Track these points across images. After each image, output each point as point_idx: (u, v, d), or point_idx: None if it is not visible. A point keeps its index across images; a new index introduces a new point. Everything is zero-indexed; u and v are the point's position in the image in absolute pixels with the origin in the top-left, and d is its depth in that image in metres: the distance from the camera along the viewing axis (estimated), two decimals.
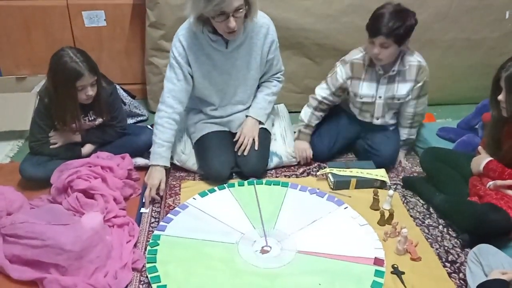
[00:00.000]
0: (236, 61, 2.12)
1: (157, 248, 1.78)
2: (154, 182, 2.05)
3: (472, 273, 1.54)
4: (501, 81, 1.73)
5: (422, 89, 2.23)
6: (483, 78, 2.74)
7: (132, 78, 3.04)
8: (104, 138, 2.25)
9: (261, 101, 2.29)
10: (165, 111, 2.11)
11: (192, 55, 2.07)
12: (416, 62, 2.17)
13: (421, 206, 2.08)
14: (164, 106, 2.11)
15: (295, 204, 2.06)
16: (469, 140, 2.27)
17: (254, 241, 1.84)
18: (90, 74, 1.99)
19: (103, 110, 2.16)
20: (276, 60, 2.25)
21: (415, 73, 2.18)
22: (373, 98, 2.24)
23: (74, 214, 1.85)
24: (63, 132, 2.15)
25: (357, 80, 2.23)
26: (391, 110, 2.31)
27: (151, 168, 2.10)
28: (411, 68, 2.17)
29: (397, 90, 2.21)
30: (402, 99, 2.24)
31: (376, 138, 2.34)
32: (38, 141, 2.14)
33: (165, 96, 2.12)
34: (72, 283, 1.56)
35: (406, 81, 2.20)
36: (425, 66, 2.19)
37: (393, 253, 1.79)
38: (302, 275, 1.67)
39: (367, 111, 2.32)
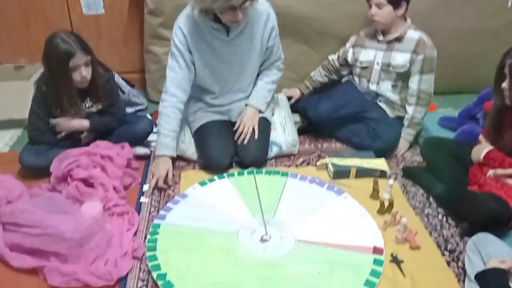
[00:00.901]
0: (237, 48, 2.11)
1: (157, 237, 1.78)
2: (162, 173, 2.05)
3: (470, 262, 1.55)
4: (505, 68, 1.72)
5: (424, 63, 2.25)
6: (484, 67, 2.73)
7: (131, 66, 3.03)
8: (105, 125, 2.23)
9: (260, 89, 2.28)
10: (169, 101, 2.10)
11: (193, 43, 2.06)
12: (417, 36, 2.26)
13: (421, 195, 2.08)
14: (168, 96, 2.10)
15: (295, 194, 2.06)
16: (470, 130, 2.27)
17: (254, 230, 1.85)
18: (82, 53, 1.98)
19: (100, 95, 2.15)
20: (276, 47, 2.23)
21: (414, 45, 2.25)
22: (371, 64, 2.37)
23: (74, 203, 1.86)
24: (67, 120, 2.12)
25: (360, 47, 2.43)
26: (388, 79, 2.36)
27: (157, 158, 2.10)
28: (411, 40, 2.26)
29: (394, 58, 2.30)
30: (398, 69, 2.31)
31: (381, 124, 2.36)
32: (37, 130, 2.13)
33: (168, 85, 2.11)
34: (72, 271, 1.57)
35: (403, 51, 2.28)
36: (427, 42, 2.24)
37: (392, 242, 1.79)
38: (301, 264, 1.68)
39: (364, 77, 2.43)
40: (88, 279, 1.57)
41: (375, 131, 2.34)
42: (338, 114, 2.38)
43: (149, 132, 2.34)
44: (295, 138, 2.38)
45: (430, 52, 2.25)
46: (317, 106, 2.38)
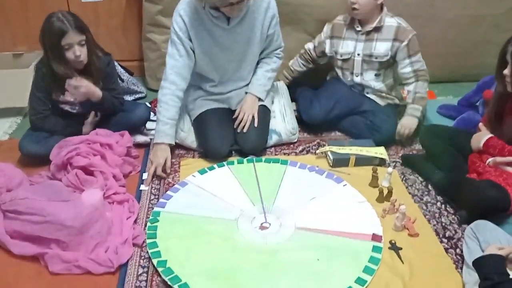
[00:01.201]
0: (237, 36, 2.10)
1: (157, 225, 1.79)
2: (160, 161, 2.05)
3: (469, 249, 1.56)
4: (507, 55, 1.71)
5: (409, 48, 2.27)
6: (485, 55, 2.73)
7: (129, 54, 3.01)
8: (112, 103, 2.20)
9: (260, 77, 2.27)
10: (169, 88, 2.09)
11: (193, 31, 2.05)
12: (395, 23, 2.27)
13: (420, 183, 2.09)
14: (168, 83, 2.09)
15: (294, 182, 2.07)
16: (469, 118, 2.27)
17: (253, 218, 1.85)
18: (75, 32, 1.98)
19: (98, 78, 2.13)
20: (276, 35, 2.23)
21: (394, 33, 2.27)
22: (351, 55, 2.36)
23: (74, 190, 1.86)
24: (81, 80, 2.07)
25: (338, 39, 2.40)
26: (370, 70, 2.37)
27: (156, 146, 2.09)
28: (390, 28, 2.28)
29: (374, 48, 2.31)
30: (380, 58, 2.32)
31: (377, 116, 2.35)
32: (38, 114, 2.13)
33: (168, 72, 2.10)
34: (73, 258, 1.58)
35: (384, 40, 2.29)
36: (405, 27, 2.26)
37: (391, 230, 1.80)
38: (300, 251, 1.69)
39: (347, 69, 2.43)
40: (89, 266, 1.58)
41: (373, 123, 2.33)
42: (331, 115, 2.39)
43: (146, 119, 2.34)
44: (295, 126, 2.38)
45: (411, 35, 2.26)
46: (309, 110, 2.38)
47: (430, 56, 2.88)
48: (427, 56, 2.84)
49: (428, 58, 2.88)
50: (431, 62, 2.93)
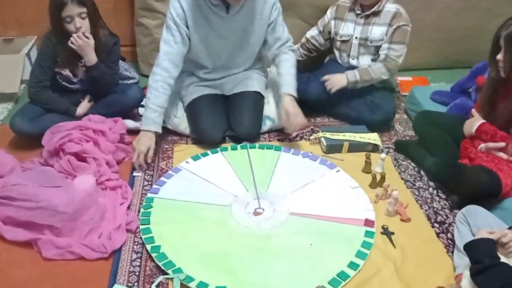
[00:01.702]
0: (235, 25, 2.08)
1: (150, 210, 1.79)
2: (142, 148, 2.00)
3: (460, 233, 1.57)
4: (500, 40, 1.71)
5: (395, 32, 2.26)
6: (478, 41, 2.72)
7: (121, 40, 2.96)
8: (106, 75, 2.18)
9: (287, 76, 2.17)
10: (160, 75, 2.05)
11: (191, 17, 2.02)
12: (394, 9, 2.27)
13: (413, 169, 2.10)
14: (160, 69, 2.06)
15: (288, 168, 2.07)
16: (462, 104, 2.27)
17: (247, 203, 1.86)
18: (75, 4, 1.99)
19: (100, 53, 2.13)
20: (280, 25, 2.17)
21: (390, 17, 2.26)
22: (350, 37, 2.37)
23: (67, 176, 1.86)
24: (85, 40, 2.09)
25: (340, 20, 2.40)
26: (367, 54, 2.37)
27: (142, 133, 2.05)
28: (388, 13, 2.27)
29: (370, 32, 2.31)
30: (375, 42, 2.32)
31: (375, 95, 2.36)
32: (38, 83, 2.13)
33: (161, 58, 2.06)
34: (66, 243, 1.58)
35: (380, 25, 2.29)
36: (402, 14, 2.26)
37: (384, 215, 1.82)
38: (294, 236, 1.70)
39: (344, 51, 2.43)
40: (83, 252, 1.58)
41: (373, 103, 2.33)
42: (328, 93, 2.36)
43: (139, 100, 2.34)
44: None
45: (404, 24, 2.25)
46: (307, 88, 2.35)
47: (424, 42, 2.89)
48: (421, 42, 2.85)
49: (422, 44, 2.89)
50: (425, 48, 2.94)
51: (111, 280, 1.52)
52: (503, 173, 1.74)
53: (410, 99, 2.55)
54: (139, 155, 2.01)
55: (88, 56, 2.10)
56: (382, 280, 1.54)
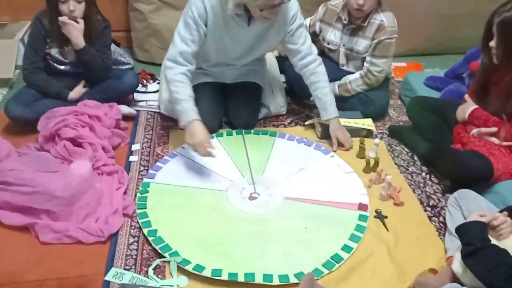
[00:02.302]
0: (252, 34, 2.01)
1: (147, 195, 1.81)
2: (203, 138, 1.83)
3: (451, 217, 1.60)
4: (493, 27, 1.72)
5: (376, 48, 2.20)
6: (472, 27, 2.72)
7: (115, 25, 2.91)
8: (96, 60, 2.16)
9: (325, 99, 2.11)
10: (179, 69, 1.92)
11: (211, 18, 1.92)
12: (378, 21, 2.19)
13: (406, 154, 2.13)
14: (176, 64, 1.93)
15: (283, 153, 2.09)
16: (456, 89, 2.29)
17: (242, 188, 1.88)
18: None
19: (93, 39, 2.13)
20: (299, 37, 2.05)
21: (374, 31, 2.20)
22: (337, 46, 2.32)
23: (63, 162, 1.86)
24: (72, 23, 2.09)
25: (327, 25, 2.33)
26: (354, 60, 2.34)
27: (190, 126, 1.85)
28: (372, 25, 2.20)
29: (356, 43, 2.27)
30: (360, 54, 2.28)
31: (369, 89, 2.33)
32: (31, 64, 2.12)
33: (177, 56, 1.92)
34: (64, 228, 1.60)
35: (365, 38, 2.24)
36: (386, 27, 2.17)
37: (377, 199, 1.84)
38: (289, 220, 1.73)
39: (333, 58, 2.39)
40: (80, 236, 1.60)
41: (367, 97, 2.33)
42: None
43: (135, 86, 2.33)
44: (283, 99, 2.39)
45: (386, 38, 2.18)
46: (300, 81, 2.25)
47: (418, 28, 2.90)
48: (415, 28, 2.86)
49: (416, 30, 2.89)
50: (419, 34, 2.94)
51: (108, 264, 1.54)
52: (495, 158, 1.77)
53: (404, 84, 2.57)
54: (203, 144, 1.83)
55: (75, 40, 2.09)
56: (375, 262, 1.57)
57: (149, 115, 2.36)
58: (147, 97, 2.45)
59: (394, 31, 2.19)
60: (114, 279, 1.48)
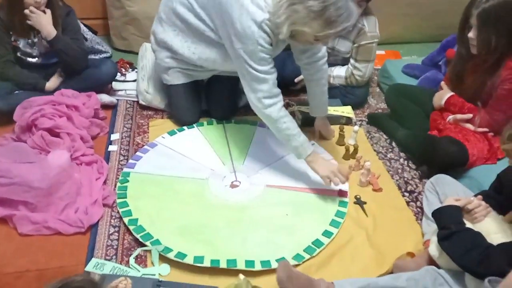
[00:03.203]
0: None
1: (127, 185, 1.80)
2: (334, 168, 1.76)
3: (428, 201, 1.64)
4: (471, 18, 1.74)
5: (358, 52, 2.25)
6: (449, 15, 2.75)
7: (92, 12, 2.89)
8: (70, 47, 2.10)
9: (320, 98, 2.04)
10: (278, 100, 1.77)
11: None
12: (360, 25, 2.21)
13: (384, 141, 2.16)
14: (275, 98, 1.77)
15: (263, 141, 2.09)
16: (433, 77, 2.33)
17: (224, 177, 1.88)
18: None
19: (58, 27, 2.07)
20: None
21: (355, 35, 2.23)
22: None
23: (40, 152, 1.83)
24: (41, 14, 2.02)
25: None
26: (334, 57, 2.35)
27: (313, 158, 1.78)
28: (353, 29, 2.20)
29: (337, 43, 2.30)
30: (342, 55, 2.32)
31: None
32: (1, 58, 2.05)
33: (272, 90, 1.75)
34: (42, 219, 1.58)
35: (346, 39, 2.27)
36: (367, 32, 2.20)
37: (357, 185, 1.87)
38: (270, 207, 1.74)
39: None
40: (59, 227, 1.58)
41: (346, 88, 2.36)
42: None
43: (113, 75, 2.30)
44: None
45: (367, 43, 2.21)
46: (282, 70, 2.27)
47: (397, 16, 2.93)
48: (393, 17, 2.88)
49: (395, 19, 2.92)
50: (397, 22, 2.97)
51: (88, 254, 1.53)
52: (470, 144, 1.81)
53: (382, 72, 2.60)
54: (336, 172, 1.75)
55: (45, 30, 2.02)
56: (355, 247, 1.60)
57: (128, 104, 2.34)
58: (126, 86, 2.42)
59: (374, 36, 2.23)
60: (94, 270, 1.47)
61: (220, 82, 2.19)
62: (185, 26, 1.93)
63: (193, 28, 1.90)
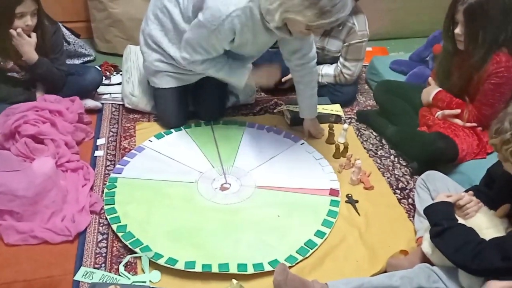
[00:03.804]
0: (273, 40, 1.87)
1: (114, 190, 1.76)
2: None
3: (420, 198, 1.63)
4: (457, 14, 1.74)
5: (348, 51, 2.25)
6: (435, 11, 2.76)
7: (74, 15, 2.85)
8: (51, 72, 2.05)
9: (311, 101, 2.04)
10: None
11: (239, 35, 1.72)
12: (350, 24, 2.21)
13: (374, 138, 2.15)
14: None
15: (253, 142, 2.07)
16: (420, 72, 2.33)
17: (213, 179, 1.86)
18: (31, 0, 1.88)
19: (47, 48, 2.02)
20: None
21: (345, 34, 2.23)
22: None
23: (24, 160, 1.78)
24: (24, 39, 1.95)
25: None
26: (324, 57, 2.35)
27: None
28: (343, 28, 2.21)
29: (327, 43, 2.30)
30: (332, 53, 2.31)
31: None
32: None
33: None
34: (28, 228, 1.54)
35: (336, 38, 2.27)
36: (357, 31, 2.20)
37: (348, 184, 1.86)
38: (261, 208, 1.72)
39: None
40: (46, 236, 1.54)
41: (334, 86, 2.35)
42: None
43: (98, 83, 2.25)
44: (252, 88, 2.36)
45: (357, 41, 2.22)
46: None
47: (382, 12, 2.93)
48: (379, 13, 2.88)
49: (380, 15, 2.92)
50: (383, 18, 2.97)
51: (77, 263, 1.50)
52: (459, 139, 1.81)
53: (370, 69, 2.59)
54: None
55: (27, 55, 1.96)
56: (348, 246, 1.59)
57: (114, 108, 2.30)
58: (111, 90, 2.38)
59: (364, 35, 2.23)
60: (83, 279, 1.44)
61: (207, 82, 2.15)
62: (173, 26, 1.90)
63: (181, 28, 1.87)
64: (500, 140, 1.22)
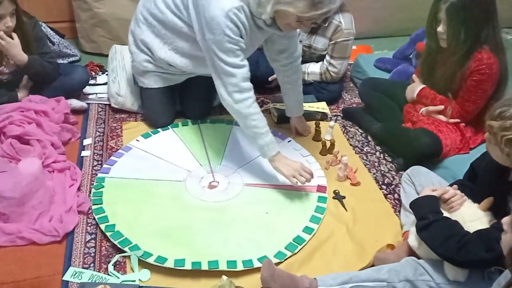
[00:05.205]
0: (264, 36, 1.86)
1: (102, 190, 1.76)
2: (297, 165, 1.74)
3: (405, 193, 1.66)
4: (440, 13, 1.77)
5: (334, 49, 2.27)
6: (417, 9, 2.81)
7: (58, 15, 2.82)
8: (43, 66, 2.03)
9: (298, 100, 2.06)
10: (248, 95, 1.72)
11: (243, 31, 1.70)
12: (336, 22, 2.23)
13: (360, 135, 2.18)
14: (245, 92, 1.72)
15: (240, 141, 2.08)
16: (404, 70, 2.37)
17: (201, 178, 1.86)
18: (9, 2, 1.85)
19: (31, 45, 2.00)
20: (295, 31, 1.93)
21: (331, 32, 2.25)
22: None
23: (10, 161, 1.77)
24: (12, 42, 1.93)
25: None
26: (310, 55, 2.37)
27: (278, 158, 1.76)
28: (330, 26, 2.23)
29: (314, 41, 2.32)
30: (318, 52, 2.33)
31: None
32: None
33: (239, 84, 1.70)
34: (16, 229, 1.53)
35: (323, 36, 2.29)
36: (343, 29, 2.22)
37: (335, 180, 1.88)
38: (249, 206, 1.73)
39: None
40: (34, 237, 1.53)
41: (320, 84, 2.37)
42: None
43: (85, 82, 2.23)
44: None
45: (343, 40, 2.24)
46: (256, 68, 2.25)
47: (366, 11, 2.96)
48: (362, 11, 2.90)
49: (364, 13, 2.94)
50: (366, 17, 3.00)
51: (65, 264, 1.49)
52: (443, 135, 1.85)
53: (355, 67, 2.62)
54: (300, 170, 1.73)
55: (16, 57, 1.94)
56: (336, 242, 1.61)
57: (100, 108, 2.28)
58: (97, 90, 2.36)
59: (350, 33, 2.25)
60: (72, 279, 1.43)
61: (194, 81, 2.16)
62: (163, 26, 1.89)
63: (170, 27, 1.86)
64: (500, 125, 1.20)
